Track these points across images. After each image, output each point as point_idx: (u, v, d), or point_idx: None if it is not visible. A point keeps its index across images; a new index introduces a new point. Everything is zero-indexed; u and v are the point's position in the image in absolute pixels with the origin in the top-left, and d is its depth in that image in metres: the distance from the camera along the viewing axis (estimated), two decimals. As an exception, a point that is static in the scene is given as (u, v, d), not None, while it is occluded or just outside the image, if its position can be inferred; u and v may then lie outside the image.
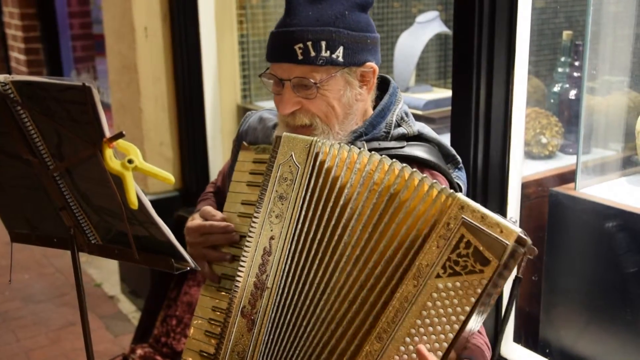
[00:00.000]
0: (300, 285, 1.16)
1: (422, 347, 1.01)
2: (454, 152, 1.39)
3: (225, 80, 3.13)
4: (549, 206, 1.84)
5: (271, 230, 1.20)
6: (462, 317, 1.00)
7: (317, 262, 1.16)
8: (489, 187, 1.80)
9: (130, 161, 1.05)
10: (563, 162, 2.12)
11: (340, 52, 1.25)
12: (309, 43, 1.23)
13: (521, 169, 1.83)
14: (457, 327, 1.00)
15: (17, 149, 1.17)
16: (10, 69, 5.46)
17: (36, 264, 3.76)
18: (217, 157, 3.16)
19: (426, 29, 2.65)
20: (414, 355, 1.03)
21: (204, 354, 1.28)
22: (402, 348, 1.03)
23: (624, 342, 1.71)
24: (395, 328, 1.04)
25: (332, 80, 1.26)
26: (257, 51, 3.20)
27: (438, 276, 1.01)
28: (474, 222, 0.99)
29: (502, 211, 1.82)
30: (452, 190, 1.05)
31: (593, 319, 1.78)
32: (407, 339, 1.03)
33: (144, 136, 3.07)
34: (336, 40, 1.24)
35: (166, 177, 1.09)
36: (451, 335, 1.00)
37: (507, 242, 0.97)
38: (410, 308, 1.02)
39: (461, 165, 1.40)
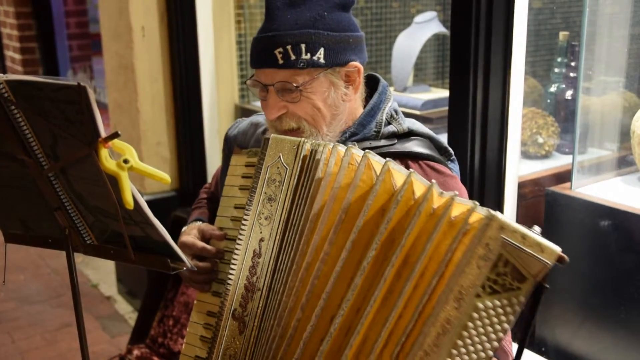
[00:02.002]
0: (290, 286, 1.16)
1: None
2: (446, 144, 1.39)
3: (223, 80, 3.13)
4: (545, 206, 1.84)
5: (260, 232, 1.19)
6: (501, 335, 0.99)
7: (305, 263, 1.14)
8: (486, 186, 1.80)
9: (125, 161, 1.04)
10: (559, 161, 2.13)
11: (321, 53, 1.24)
12: (289, 47, 1.23)
13: (518, 169, 1.84)
14: (496, 344, 1.00)
15: (11, 149, 1.17)
16: (6, 68, 5.45)
17: (32, 264, 3.75)
18: (215, 157, 3.15)
19: (424, 29, 2.65)
20: None
21: (199, 359, 1.27)
22: None
23: (619, 341, 1.71)
24: (438, 351, 1.02)
25: (315, 82, 1.25)
26: (254, 51, 3.20)
27: (478, 296, 1.00)
28: (516, 243, 0.99)
29: (499, 210, 1.82)
30: (489, 210, 1.04)
31: (588, 318, 1.78)
32: None
33: (140, 136, 3.06)
34: (316, 42, 1.23)
35: (162, 177, 1.09)
36: (491, 353, 1.00)
37: (549, 263, 0.97)
38: (452, 330, 1.01)
39: (454, 157, 1.40)
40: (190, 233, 1.34)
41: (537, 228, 1.02)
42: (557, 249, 0.98)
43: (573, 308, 1.82)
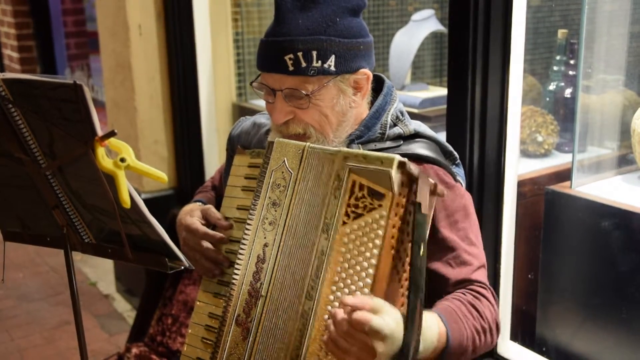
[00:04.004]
0: (295, 293, 1.15)
1: (345, 297, 1.02)
2: (451, 148, 1.38)
3: (220, 79, 3.12)
4: (545, 204, 1.84)
5: (264, 238, 1.19)
6: (376, 251, 1.04)
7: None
8: (485, 185, 1.79)
9: (122, 160, 1.04)
10: (559, 160, 2.12)
11: (332, 61, 1.22)
12: (300, 53, 1.20)
13: (517, 168, 1.83)
14: (374, 261, 1.04)
15: (9, 147, 1.16)
16: (3, 67, 5.43)
17: (30, 262, 3.74)
18: (212, 155, 3.15)
19: (422, 27, 2.64)
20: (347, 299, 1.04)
21: None
22: (332, 297, 1.07)
23: (620, 340, 1.71)
24: (320, 282, 1.08)
25: (324, 89, 1.24)
26: (252, 49, 3.19)
27: (344, 223, 1.08)
28: (358, 165, 1.07)
29: (498, 209, 1.82)
30: (332, 148, 1.12)
31: (589, 317, 1.78)
32: (334, 288, 1.07)
33: (138, 134, 3.05)
34: (327, 50, 1.21)
35: (159, 175, 1.08)
36: (371, 271, 1.05)
37: (388, 169, 1.04)
38: (327, 260, 1.08)
39: (459, 161, 1.39)
40: (194, 215, 1.33)
41: (431, 180, 1.07)
42: (396, 156, 1.04)
43: (573, 308, 1.81)
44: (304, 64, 1.21)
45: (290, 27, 1.22)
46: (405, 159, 1.04)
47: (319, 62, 1.21)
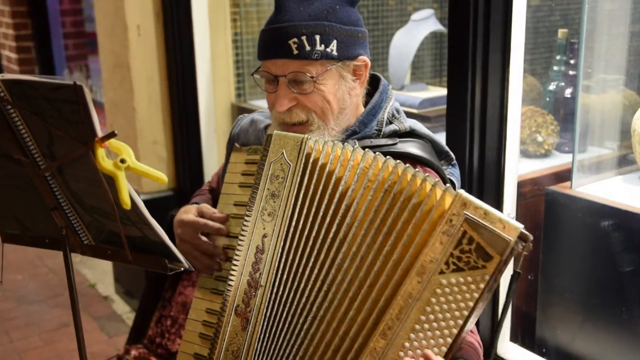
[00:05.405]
0: (294, 283, 1.16)
1: (430, 352, 1.01)
2: (447, 148, 1.39)
3: (219, 79, 3.12)
4: (545, 205, 1.83)
5: (264, 228, 1.19)
6: (465, 313, 1.00)
7: (312, 259, 1.15)
8: (485, 185, 1.79)
9: (122, 161, 1.03)
10: (559, 160, 2.12)
11: (334, 46, 1.25)
12: (304, 37, 1.23)
13: (517, 168, 1.83)
14: (460, 322, 1.00)
15: (8, 148, 1.16)
16: (2, 68, 5.43)
17: (29, 264, 3.74)
18: (212, 156, 3.14)
19: (421, 27, 2.64)
20: (419, 351, 1.03)
21: (199, 356, 1.27)
22: (407, 344, 1.04)
23: (620, 341, 1.70)
24: (400, 325, 1.04)
25: (327, 74, 1.26)
26: (251, 49, 3.19)
27: (441, 272, 1.01)
28: (477, 219, 1.00)
29: (498, 210, 1.81)
30: (458, 189, 1.07)
31: (589, 318, 1.78)
32: (412, 335, 1.03)
33: (137, 135, 3.05)
34: (330, 34, 1.25)
35: (159, 176, 1.08)
36: (455, 331, 1.01)
37: (510, 238, 0.98)
38: (414, 304, 1.03)
39: (454, 161, 1.40)
40: (190, 212, 1.33)
41: (511, 214, 1.02)
42: (519, 225, 0.99)
43: (574, 308, 1.81)
44: (308, 48, 1.23)
45: (292, 14, 1.25)
46: (528, 233, 0.99)
47: (322, 46, 1.24)
